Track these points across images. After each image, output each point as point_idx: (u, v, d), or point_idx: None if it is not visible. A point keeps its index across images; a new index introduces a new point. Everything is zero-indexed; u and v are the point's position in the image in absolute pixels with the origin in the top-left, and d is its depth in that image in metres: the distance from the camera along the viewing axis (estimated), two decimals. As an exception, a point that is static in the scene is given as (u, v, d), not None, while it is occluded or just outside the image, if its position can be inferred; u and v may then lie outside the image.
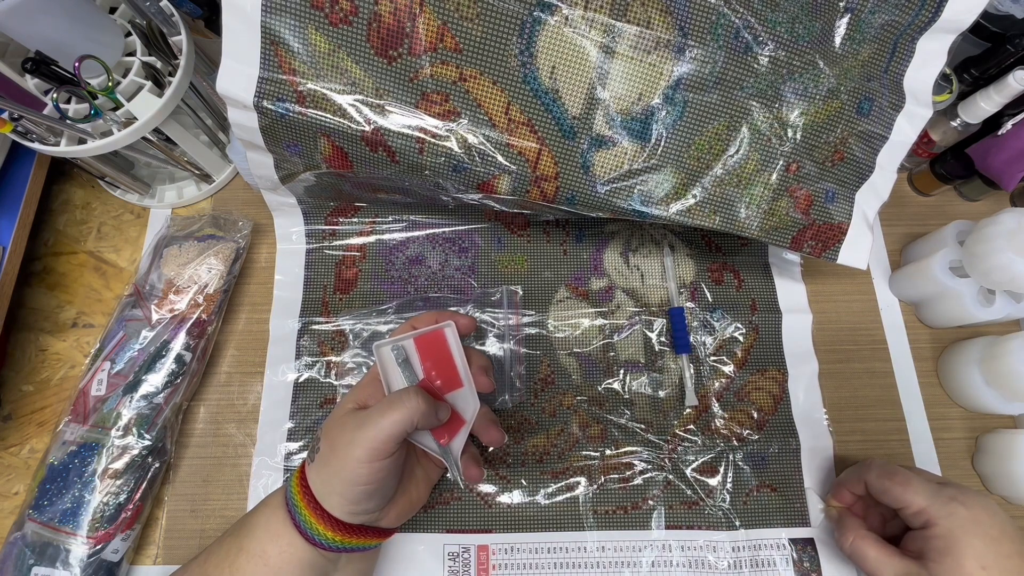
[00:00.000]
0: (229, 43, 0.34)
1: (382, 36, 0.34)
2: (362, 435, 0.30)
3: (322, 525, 0.30)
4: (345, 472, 0.30)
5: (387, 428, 0.30)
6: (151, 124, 0.41)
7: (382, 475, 0.31)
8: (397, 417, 0.30)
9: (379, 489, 0.31)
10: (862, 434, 0.45)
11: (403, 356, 0.35)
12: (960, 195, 0.52)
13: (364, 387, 0.35)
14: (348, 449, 0.30)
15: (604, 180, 0.37)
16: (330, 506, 0.30)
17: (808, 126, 0.38)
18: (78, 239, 0.49)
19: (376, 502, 0.32)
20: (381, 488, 0.31)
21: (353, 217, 0.48)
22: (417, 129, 0.35)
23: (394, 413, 0.30)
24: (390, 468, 0.31)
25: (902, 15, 0.37)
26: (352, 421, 0.31)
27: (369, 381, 0.36)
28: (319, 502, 0.31)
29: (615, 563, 0.41)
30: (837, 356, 0.47)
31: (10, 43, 0.40)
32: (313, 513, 0.30)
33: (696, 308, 0.47)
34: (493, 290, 0.47)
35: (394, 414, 0.30)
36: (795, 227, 0.40)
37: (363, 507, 0.31)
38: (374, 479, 0.30)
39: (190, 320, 0.42)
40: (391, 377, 0.35)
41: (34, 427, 0.44)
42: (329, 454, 0.31)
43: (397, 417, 0.30)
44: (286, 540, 0.31)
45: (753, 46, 0.36)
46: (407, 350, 0.35)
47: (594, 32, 0.34)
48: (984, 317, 0.43)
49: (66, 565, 0.36)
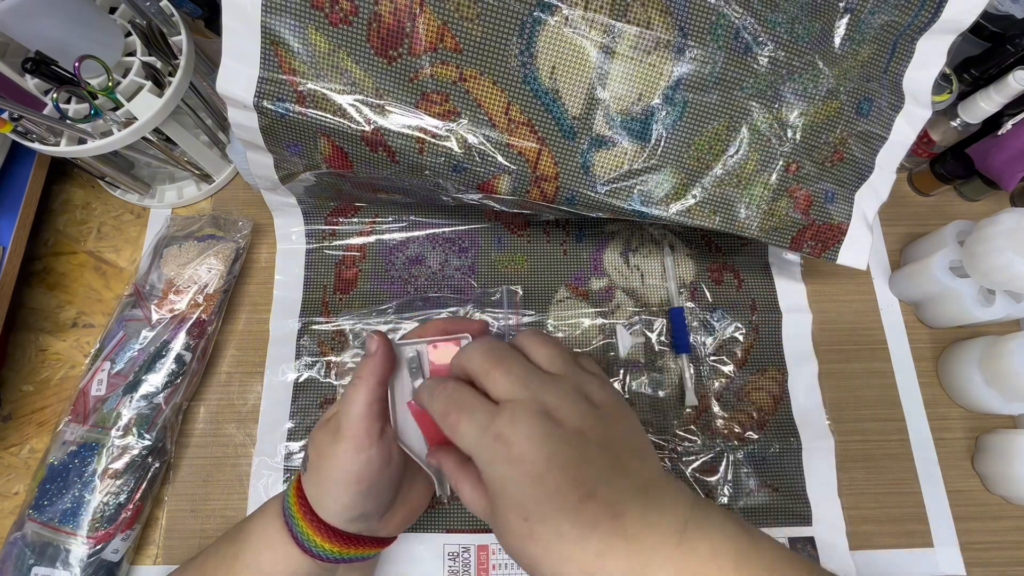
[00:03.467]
0: (229, 43, 0.34)
1: (382, 36, 0.34)
2: (340, 432, 0.30)
3: (319, 536, 0.30)
4: (335, 472, 0.29)
5: (358, 403, 0.29)
6: (151, 124, 0.41)
7: (372, 469, 0.30)
8: (361, 387, 0.30)
9: (372, 488, 0.30)
10: (862, 434, 0.45)
11: (416, 363, 0.33)
12: (960, 195, 0.52)
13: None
14: (332, 447, 0.30)
15: (604, 180, 0.37)
16: (326, 513, 0.30)
17: (807, 126, 0.38)
18: (78, 239, 0.49)
19: (372, 506, 0.31)
20: (374, 488, 0.30)
21: (353, 217, 0.48)
22: (417, 129, 0.35)
23: (358, 386, 0.30)
24: (380, 461, 0.30)
25: (902, 15, 0.37)
26: (332, 423, 0.31)
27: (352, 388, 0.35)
28: (315, 512, 0.30)
29: (615, 563, 0.41)
30: (837, 356, 0.47)
31: (10, 43, 0.40)
32: (310, 524, 0.30)
33: (696, 308, 0.47)
34: (493, 290, 0.47)
35: (358, 387, 0.30)
36: (795, 227, 0.40)
37: (359, 512, 0.30)
38: (365, 475, 0.29)
39: (190, 320, 0.42)
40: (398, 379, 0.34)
41: (34, 427, 0.44)
42: (317, 460, 0.31)
43: (361, 387, 0.30)
44: (282, 551, 0.30)
45: (753, 46, 0.36)
46: (421, 356, 0.33)
47: (594, 32, 0.34)
48: (984, 317, 0.43)
49: (66, 565, 0.36)
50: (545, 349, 0.29)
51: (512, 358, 0.28)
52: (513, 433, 0.25)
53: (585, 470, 0.25)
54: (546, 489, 0.25)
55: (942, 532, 0.43)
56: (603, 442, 0.26)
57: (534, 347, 0.29)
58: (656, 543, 0.25)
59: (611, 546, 0.24)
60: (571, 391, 0.27)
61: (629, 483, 0.26)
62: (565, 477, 0.25)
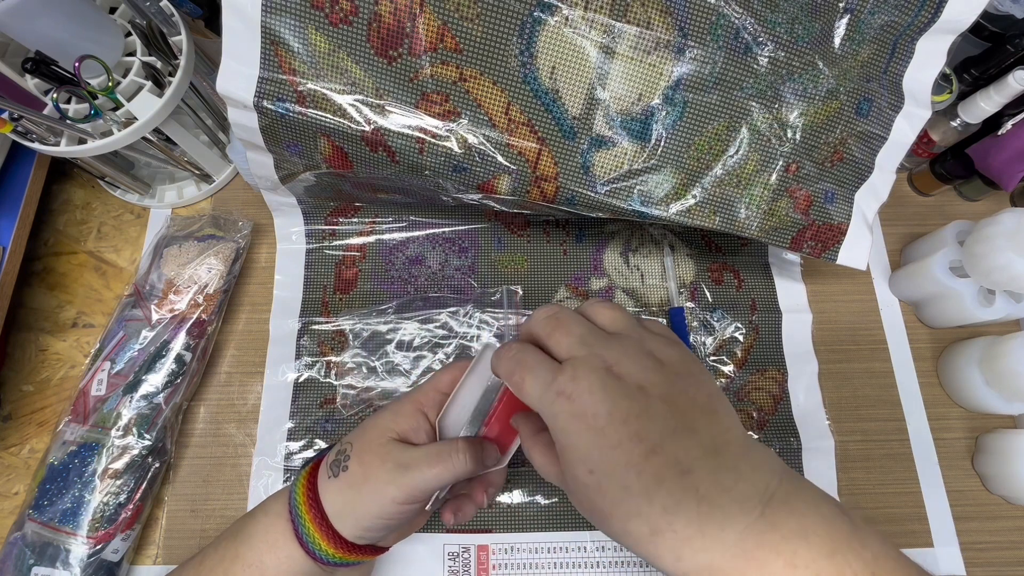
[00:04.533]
0: (229, 43, 0.34)
1: (382, 36, 0.34)
2: (403, 480, 0.30)
3: (325, 541, 0.30)
4: (374, 506, 0.30)
5: (431, 481, 0.30)
6: (151, 124, 0.41)
7: (410, 515, 0.31)
8: (444, 474, 0.30)
9: (400, 524, 0.31)
10: (862, 434, 0.45)
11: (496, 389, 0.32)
12: (960, 195, 0.52)
13: (406, 416, 0.33)
14: (385, 487, 0.30)
15: (604, 180, 0.37)
16: (343, 527, 0.30)
17: (807, 127, 0.38)
18: (78, 239, 0.49)
19: (390, 533, 0.32)
20: (402, 523, 0.32)
21: (353, 217, 0.48)
22: (417, 129, 0.35)
23: (441, 470, 0.30)
24: (418, 509, 0.31)
25: (902, 16, 0.37)
26: (393, 458, 0.30)
27: (412, 411, 0.33)
28: (329, 520, 0.30)
29: (615, 563, 0.41)
30: (837, 356, 0.47)
31: (10, 43, 0.40)
32: (319, 529, 0.30)
33: (696, 308, 0.47)
34: (493, 290, 0.47)
35: (441, 471, 0.30)
36: (795, 227, 0.40)
37: (375, 535, 0.31)
38: (402, 518, 0.31)
39: (190, 320, 0.42)
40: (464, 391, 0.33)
41: (34, 427, 0.44)
42: (361, 482, 0.30)
43: (444, 474, 0.30)
44: (284, 552, 0.30)
45: (753, 47, 0.36)
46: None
47: (594, 32, 0.34)
48: (984, 317, 0.43)
49: (66, 565, 0.36)
50: (608, 311, 0.29)
51: (574, 320, 0.28)
52: (575, 388, 0.25)
53: (648, 424, 0.25)
54: (608, 442, 0.24)
55: (942, 532, 0.43)
56: (667, 398, 0.25)
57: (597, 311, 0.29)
58: (732, 510, 0.23)
59: (679, 503, 0.24)
60: (633, 348, 0.27)
61: (697, 441, 0.25)
62: (627, 430, 0.24)
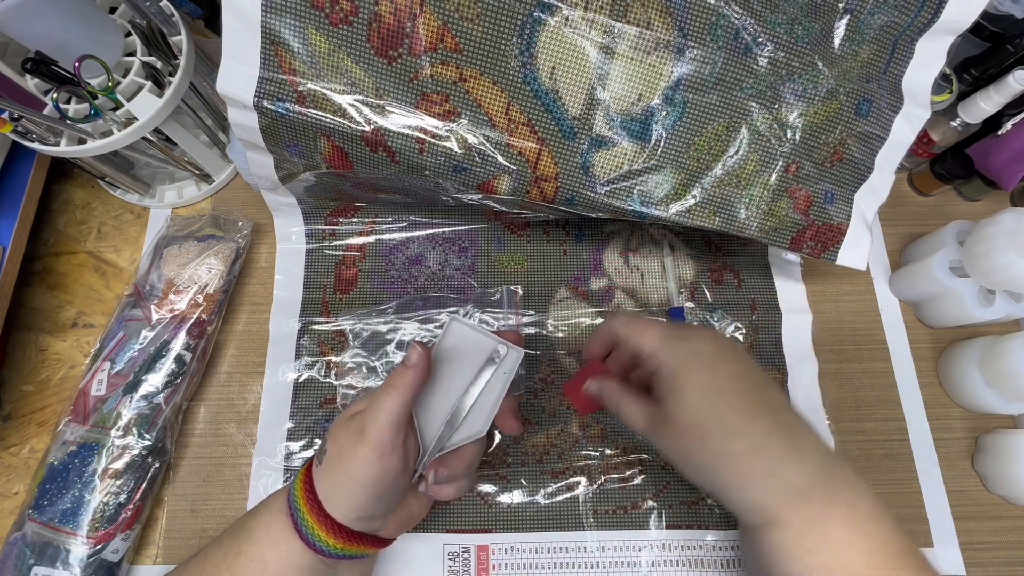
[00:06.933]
0: (229, 43, 0.34)
1: (382, 36, 0.34)
2: (366, 434, 0.30)
3: (324, 531, 0.30)
4: (353, 472, 0.30)
5: (388, 412, 0.30)
6: (151, 124, 0.41)
7: (390, 476, 0.31)
8: (394, 397, 0.31)
9: (385, 492, 0.31)
10: (862, 434, 0.45)
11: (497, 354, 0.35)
12: (960, 195, 0.52)
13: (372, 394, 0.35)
14: (355, 449, 0.30)
15: (604, 180, 0.37)
16: (335, 510, 0.30)
17: (807, 127, 0.38)
18: (78, 239, 0.49)
19: (381, 508, 0.32)
20: (388, 492, 0.31)
21: (353, 217, 0.48)
22: (417, 129, 0.35)
23: (392, 395, 0.31)
24: (398, 468, 0.31)
25: (901, 16, 0.37)
26: (356, 422, 0.31)
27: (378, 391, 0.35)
28: (324, 506, 0.31)
29: (615, 563, 0.41)
30: (837, 356, 0.47)
31: (10, 43, 0.40)
32: (316, 518, 0.30)
33: (696, 308, 0.47)
34: (493, 290, 0.47)
35: (392, 396, 0.31)
36: (794, 228, 0.40)
37: (368, 512, 0.31)
38: (382, 480, 0.31)
39: (190, 320, 0.42)
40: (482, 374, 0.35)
41: (34, 427, 0.44)
42: (336, 456, 0.31)
43: (394, 397, 0.31)
44: (285, 546, 0.31)
45: (752, 47, 0.36)
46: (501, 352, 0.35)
47: (594, 33, 0.34)
48: (984, 317, 0.43)
49: (66, 565, 0.36)
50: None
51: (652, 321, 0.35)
52: (692, 335, 0.33)
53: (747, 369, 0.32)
54: (720, 374, 0.31)
55: (942, 532, 0.43)
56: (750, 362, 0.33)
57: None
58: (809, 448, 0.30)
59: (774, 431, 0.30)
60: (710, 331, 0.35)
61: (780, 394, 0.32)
62: (734, 369, 0.31)
